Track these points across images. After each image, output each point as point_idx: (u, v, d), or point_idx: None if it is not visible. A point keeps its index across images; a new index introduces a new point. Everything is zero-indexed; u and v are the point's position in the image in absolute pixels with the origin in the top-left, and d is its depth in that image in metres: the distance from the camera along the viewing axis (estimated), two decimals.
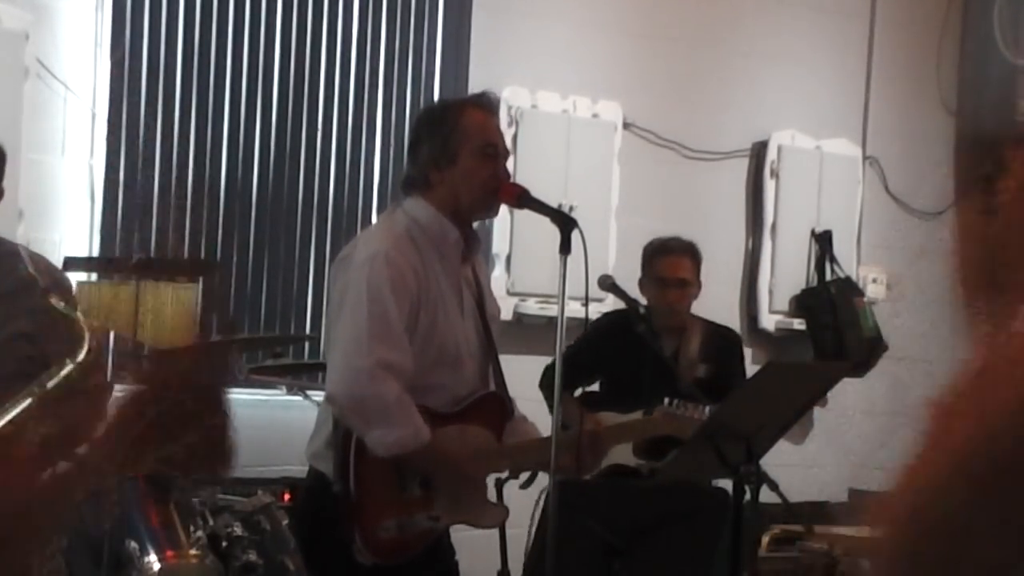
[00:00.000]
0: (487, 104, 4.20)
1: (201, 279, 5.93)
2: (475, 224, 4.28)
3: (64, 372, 3.82)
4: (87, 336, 3.82)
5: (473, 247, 4.22)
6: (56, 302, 3.77)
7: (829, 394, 5.01)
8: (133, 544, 4.40)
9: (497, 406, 4.18)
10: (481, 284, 4.27)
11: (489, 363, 4.20)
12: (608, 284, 5.14)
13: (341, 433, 3.97)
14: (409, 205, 4.13)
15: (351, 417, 3.95)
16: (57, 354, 3.79)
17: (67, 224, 5.93)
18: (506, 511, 4.17)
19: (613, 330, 5.46)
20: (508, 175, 4.19)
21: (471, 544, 4.33)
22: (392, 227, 4.10)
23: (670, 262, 5.63)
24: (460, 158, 4.07)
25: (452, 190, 4.08)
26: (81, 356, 3.77)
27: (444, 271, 4.10)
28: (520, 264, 6.91)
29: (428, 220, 4.08)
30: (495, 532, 4.17)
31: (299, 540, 4.49)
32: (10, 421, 3.66)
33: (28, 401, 3.81)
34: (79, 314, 3.87)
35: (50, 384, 3.83)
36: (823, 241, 7.85)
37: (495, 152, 4.11)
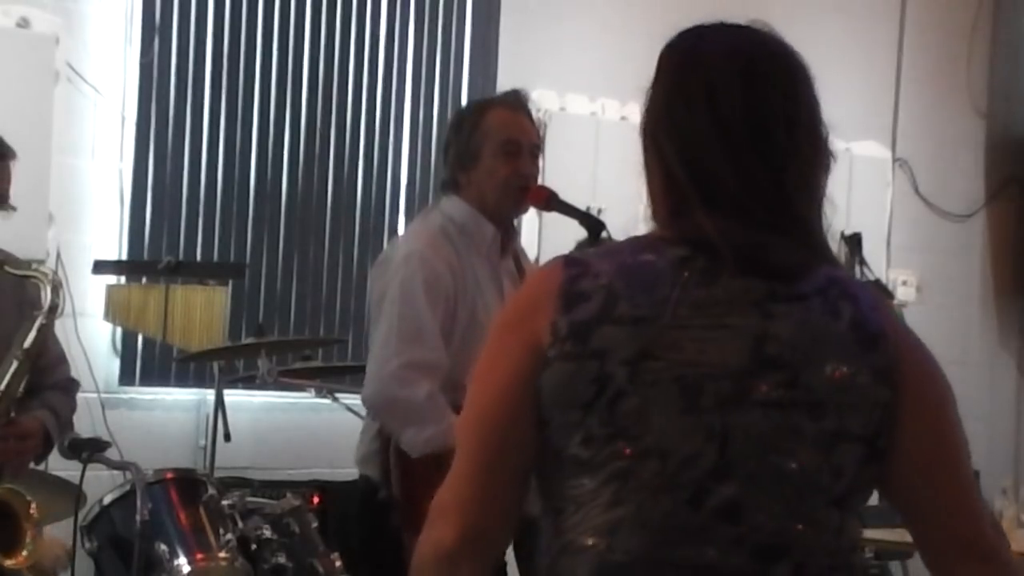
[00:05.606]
0: (513, 102, 4.19)
1: (231, 282, 5.94)
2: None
3: (37, 325, 3.88)
4: (49, 291, 3.89)
5: (512, 238, 4.22)
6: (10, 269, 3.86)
7: None
8: (163, 546, 4.40)
9: None
10: (526, 275, 4.26)
11: None
12: None
13: (384, 434, 3.97)
14: (445, 204, 4.15)
15: (384, 419, 3.95)
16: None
17: (97, 227, 5.95)
18: None
19: None
20: (535, 171, 4.16)
21: None
22: (428, 226, 4.10)
23: None
24: (482, 157, 4.07)
25: (479, 189, 4.09)
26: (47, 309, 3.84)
27: (482, 267, 4.10)
28: None
29: (463, 217, 4.08)
30: None
31: (351, 545, 4.48)
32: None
33: (16, 363, 3.87)
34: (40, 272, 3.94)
35: (28, 342, 3.89)
36: (852, 243, 7.82)
37: (517, 149, 4.10)
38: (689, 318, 1.97)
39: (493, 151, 4.07)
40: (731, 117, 2.02)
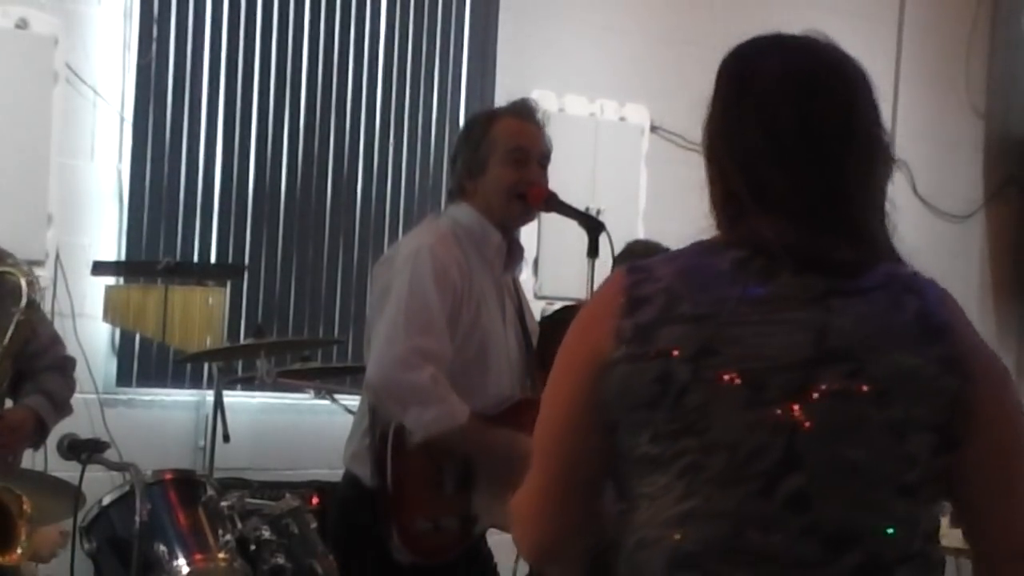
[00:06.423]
0: (521, 111, 4.20)
1: (229, 282, 5.94)
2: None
3: (15, 322, 3.89)
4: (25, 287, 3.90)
5: (516, 255, 4.22)
6: None
7: None
8: (162, 547, 4.40)
9: (536, 412, 4.16)
10: (522, 298, 4.28)
11: (528, 372, 4.18)
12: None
13: (379, 427, 3.96)
14: (451, 210, 4.16)
15: (386, 402, 3.93)
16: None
17: (96, 228, 5.95)
18: None
19: (558, 328, 5.42)
20: (541, 179, 4.16)
21: (509, 548, 4.32)
22: (436, 227, 4.11)
23: None
24: (490, 165, 4.08)
25: (485, 197, 4.09)
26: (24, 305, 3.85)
27: (486, 273, 4.11)
28: (548, 268, 6.90)
29: (470, 222, 4.09)
30: None
31: (336, 546, 4.48)
32: None
33: None
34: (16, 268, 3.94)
35: (6, 339, 3.90)
36: None
37: (525, 157, 4.10)
38: (750, 314, 2.02)
39: (501, 158, 4.08)
40: (787, 127, 2.07)
